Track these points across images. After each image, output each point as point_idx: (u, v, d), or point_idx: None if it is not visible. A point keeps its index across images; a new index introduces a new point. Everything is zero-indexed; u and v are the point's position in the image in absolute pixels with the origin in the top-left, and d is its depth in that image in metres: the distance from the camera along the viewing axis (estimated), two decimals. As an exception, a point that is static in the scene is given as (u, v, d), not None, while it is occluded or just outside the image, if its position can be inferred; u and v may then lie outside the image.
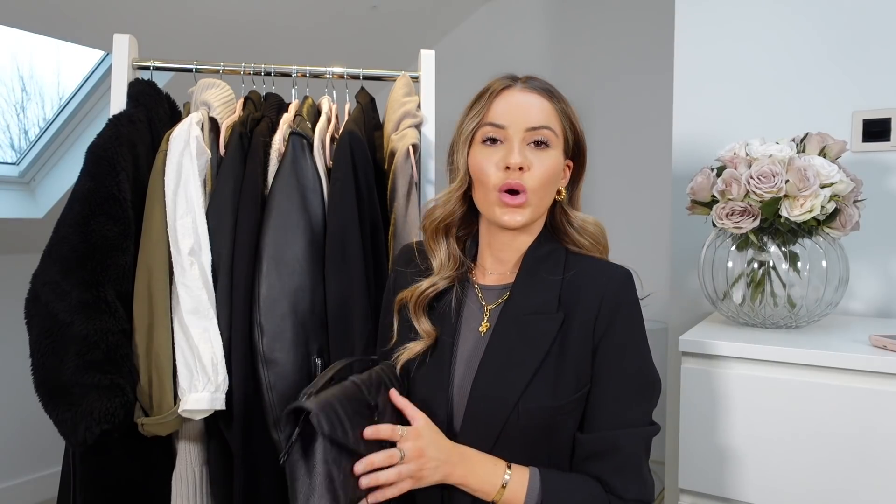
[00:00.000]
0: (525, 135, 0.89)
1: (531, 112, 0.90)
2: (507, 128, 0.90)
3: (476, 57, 2.95)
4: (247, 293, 1.23)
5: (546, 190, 0.91)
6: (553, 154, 0.91)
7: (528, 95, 0.91)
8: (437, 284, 0.96)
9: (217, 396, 1.17)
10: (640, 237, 2.57)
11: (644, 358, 0.89)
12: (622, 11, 2.64)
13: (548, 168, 0.90)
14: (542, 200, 0.92)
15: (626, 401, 0.87)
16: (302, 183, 1.27)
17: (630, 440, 0.85)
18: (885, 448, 0.98)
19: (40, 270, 1.17)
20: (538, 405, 0.84)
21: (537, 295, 0.90)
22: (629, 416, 0.86)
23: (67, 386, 1.11)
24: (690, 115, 1.59)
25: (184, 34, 2.21)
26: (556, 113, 0.92)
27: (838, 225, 1.15)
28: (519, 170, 0.88)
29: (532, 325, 0.88)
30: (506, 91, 0.92)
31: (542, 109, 0.91)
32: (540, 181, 0.89)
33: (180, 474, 1.25)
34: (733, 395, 1.09)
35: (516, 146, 0.89)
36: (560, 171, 0.93)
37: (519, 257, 0.95)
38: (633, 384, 0.87)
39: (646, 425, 0.87)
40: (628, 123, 2.63)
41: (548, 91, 0.92)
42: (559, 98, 0.93)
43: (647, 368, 0.89)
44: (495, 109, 0.91)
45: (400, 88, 1.40)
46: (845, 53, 1.42)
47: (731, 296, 1.23)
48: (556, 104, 0.92)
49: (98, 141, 1.23)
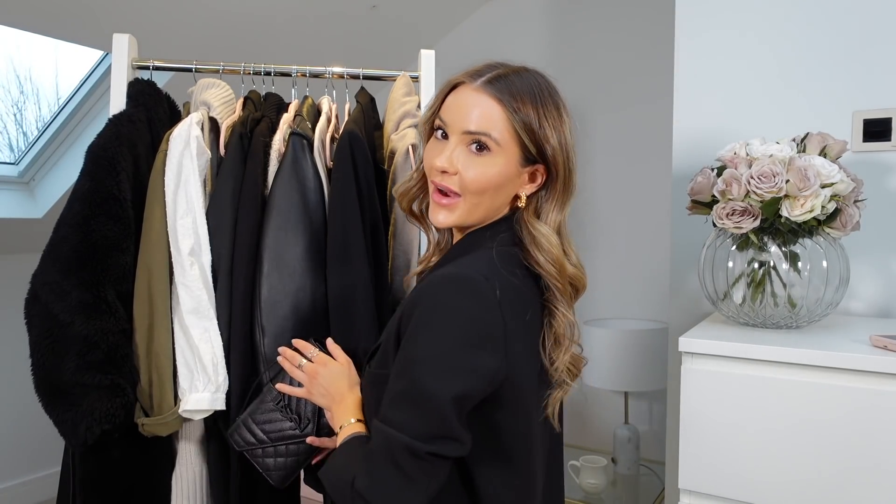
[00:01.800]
0: (462, 136, 0.85)
1: (471, 115, 0.84)
2: (449, 126, 0.87)
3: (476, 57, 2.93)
4: (247, 293, 1.23)
5: (482, 196, 0.86)
6: (493, 161, 0.85)
7: (477, 97, 0.85)
8: (431, 262, 1.01)
9: (217, 397, 1.17)
10: (640, 237, 2.57)
11: (419, 366, 0.78)
12: (622, 11, 2.64)
13: (481, 174, 0.85)
14: (479, 206, 0.87)
15: (391, 399, 0.80)
16: (302, 183, 1.27)
17: (377, 435, 0.80)
18: (886, 448, 0.98)
19: (40, 270, 1.17)
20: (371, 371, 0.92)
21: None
22: (389, 414, 0.79)
23: (68, 386, 1.12)
24: (690, 115, 1.58)
25: (184, 34, 2.21)
26: (506, 119, 0.84)
27: (839, 225, 1.15)
28: (444, 173, 0.86)
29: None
30: (459, 87, 0.88)
31: (487, 114, 0.84)
32: (471, 186, 0.85)
33: (180, 474, 1.25)
34: (733, 396, 1.09)
35: (450, 147, 0.86)
36: (505, 178, 0.86)
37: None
38: (400, 387, 0.79)
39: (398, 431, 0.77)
40: (628, 123, 2.63)
41: (504, 95, 0.84)
42: (518, 104, 0.84)
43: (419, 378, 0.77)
44: (445, 105, 0.88)
45: (400, 88, 1.40)
46: (846, 53, 1.42)
47: (731, 296, 1.23)
48: (509, 111, 0.84)
49: (98, 141, 1.23)
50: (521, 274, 0.86)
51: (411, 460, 0.76)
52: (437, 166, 0.86)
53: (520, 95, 0.85)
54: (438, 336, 0.78)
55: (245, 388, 1.21)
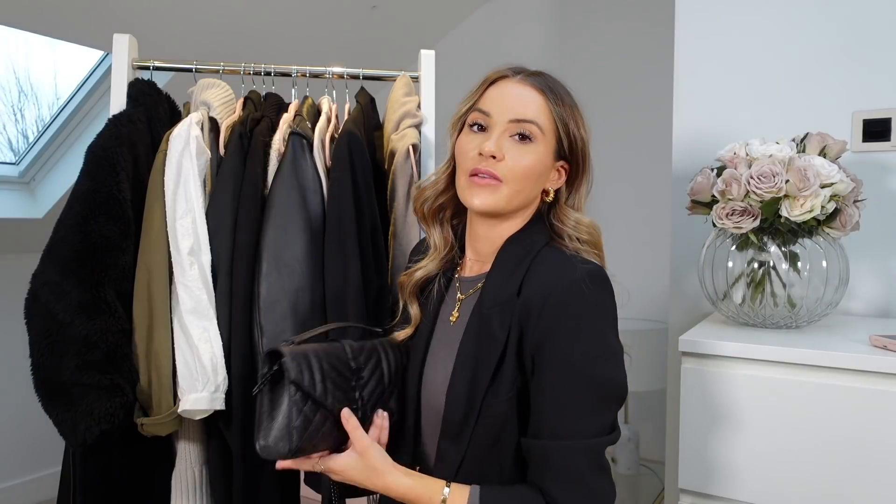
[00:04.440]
0: (508, 126, 0.88)
1: (518, 104, 0.88)
2: (492, 116, 0.89)
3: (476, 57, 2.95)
4: (247, 293, 1.23)
5: (524, 183, 0.88)
6: (536, 150, 0.88)
7: (521, 88, 0.89)
8: (428, 268, 0.99)
9: (217, 396, 1.17)
10: (640, 237, 2.57)
11: (593, 364, 0.82)
12: (622, 11, 2.64)
13: (526, 162, 0.87)
14: (520, 193, 0.89)
15: (567, 411, 0.81)
16: (302, 183, 1.27)
17: (567, 452, 0.80)
18: (885, 448, 0.98)
19: (40, 270, 1.17)
20: (497, 399, 0.84)
21: (503, 287, 0.88)
22: (569, 427, 0.80)
23: (67, 386, 1.11)
24: (690, 115, 1.58)
25: (184, 34, 2.21)
26: (549, 111, 0.89)
27: (838, 225, 1.15)
28: (493, 158, 0.87)
29: (493, 318, 0.86)
30: (501, 80, 0.91)
31: (532, 104, 0.88)
32: (514, 173, 0.87)
33: (180, 474, 1.25)
34: (733, 396, 1.09)
35: (495, 135, 0.87)
36: (544, 168, 0.90)
37: (493, 250, 0.93)
38: (575, 393, 0.81)
39: (593, 436, 0.81)
40: (628, 123, 2.63)
41: (546, 89, 0.89)
42: (558, 98, 0.90)
43: (594, 376, 0.81)
44: (486, 97, 0.91)
45: (400, 88, 1.40)
46: (846, 53, 1.42)
47: (731, 296, 1.23)
48: (551, 103, 0.89)
49: (98, 141, 1.23)
50: None
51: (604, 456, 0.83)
52: (487, 150, 0.86)
53: (557, 91, 0.90)
54: (600, 331, 0.83)
55: (245, 388, 1.21)
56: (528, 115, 0.88)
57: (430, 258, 1.00)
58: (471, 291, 0.95)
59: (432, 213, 0.99)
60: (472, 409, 0.84)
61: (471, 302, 0.93)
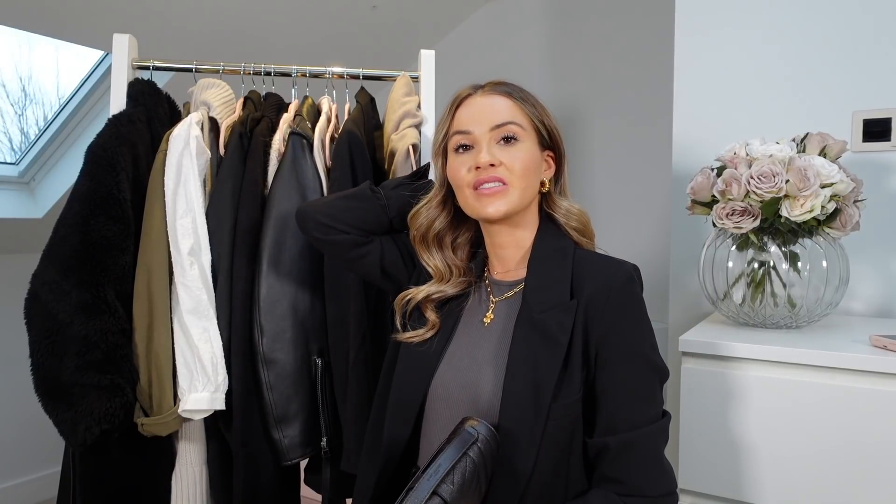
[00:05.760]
0: (491, 134, 0.91)
1: (492, 112, 0.92)
2: (473, 132, 0.92)
3: (476, 57, 2.95)
4: (246, 293, 1.23)
5: (527, 179, 0.91)
6: (524, 146, 0.91)
7: (489, 98, 0.93)
8: (444, 292, 0.98)
9: (217, 396, 1.17)
10: (640, 237, 2.57)
11: (652, 351, 0.87)
12: (622, 12, 2.64)
13: (521, 159, 0.90)
14: (526, 190, 0.91)
15: (640, 399, 0.85)
16: (302, 183, 1.27)
17: (648, 438, 0.84)
18: (885, 448, 0.98)
19: (40, 270, 1.17)
20: (567, 402, 0.83)
21: (550, 290, 0.89)
22: (645, 414, 0.84)
23: (67, 386, 1.11)
24: (690, 115, 1.58)
25: (184, 34, 2.20)
26: (521, 110, 0.93)
27: (838, 225, 1.15)
28: (491, 167, 0.89)
29: (550, 322, 0.86)
30: (467, 99, 0.95)
31: (504, 108, 0.92)
32: (515, 172, 0.90)
33: (180, 474, 1.25)
34: (733, 395, 1.09)
35: (483, 147, 0.90)
36: (537, 161, 0.94)
37: (522, 254, 0.95)
38: (644, 381, 0.86)
39: (660, 419, 0.86)
40: (628, 123, 2.63)
41: (509, 92, 0.94)
42: (525, 98, 0.94)
43: (654, 362, 0.87)
44: (459, 117, 0.94)
45: (400, 88, 1.40)
46: (846, 53, 1.42)
47: (731, 296, 1.23)
48: (520, 102, 0.93)
49: (98, 141, 1.23)
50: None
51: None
52: (483, 161, 0.89)
53: (521, 92, 0.95)
54: (649, 321, 0.89)
55: (245, 388, 1.21)
56: (506, 118, 0.92)
57: (441, 282, 0.98)
58: (506, 295, 0.95)
59: (429, 239, 1.00)
60: (540, 413, 0.82)
61: (507, 305, 0.94)
